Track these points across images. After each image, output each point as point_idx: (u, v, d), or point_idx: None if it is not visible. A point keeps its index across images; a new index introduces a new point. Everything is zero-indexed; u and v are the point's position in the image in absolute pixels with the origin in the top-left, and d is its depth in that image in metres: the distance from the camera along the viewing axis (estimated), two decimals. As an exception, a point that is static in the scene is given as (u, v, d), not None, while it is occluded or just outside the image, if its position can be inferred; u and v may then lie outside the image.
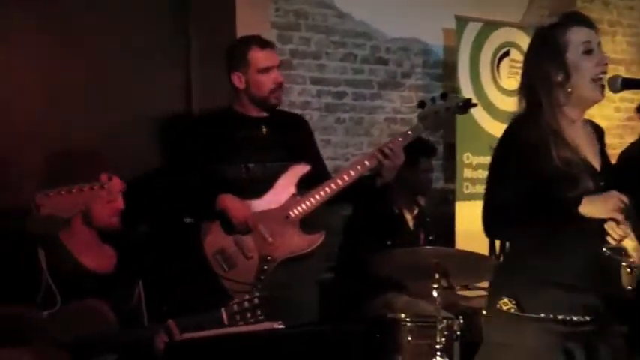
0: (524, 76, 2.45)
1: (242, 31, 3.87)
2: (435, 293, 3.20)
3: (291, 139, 3.35)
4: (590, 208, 2.22)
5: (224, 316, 2.63)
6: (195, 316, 2.66)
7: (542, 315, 2.32)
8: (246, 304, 2.67)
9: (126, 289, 2.92)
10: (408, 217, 4.01)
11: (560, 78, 2.36)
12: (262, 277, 3.17)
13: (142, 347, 2.60)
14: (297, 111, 4.20)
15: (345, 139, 4.44)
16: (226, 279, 3.15)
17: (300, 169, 3.28)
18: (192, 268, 3.20)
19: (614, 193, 2.23)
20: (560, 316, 2.32)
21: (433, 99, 3.32)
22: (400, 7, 4.51)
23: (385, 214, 3.90)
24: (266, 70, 3.25)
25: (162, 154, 3.75)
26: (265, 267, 3.19)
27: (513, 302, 2.36)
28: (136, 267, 3.00)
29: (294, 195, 3.25)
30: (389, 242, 3.75)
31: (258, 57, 3.25)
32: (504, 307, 2.37)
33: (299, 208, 3.23)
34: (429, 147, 4.11)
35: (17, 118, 3.49)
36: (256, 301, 2.68)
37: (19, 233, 2.88)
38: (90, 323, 2.63)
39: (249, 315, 2.64)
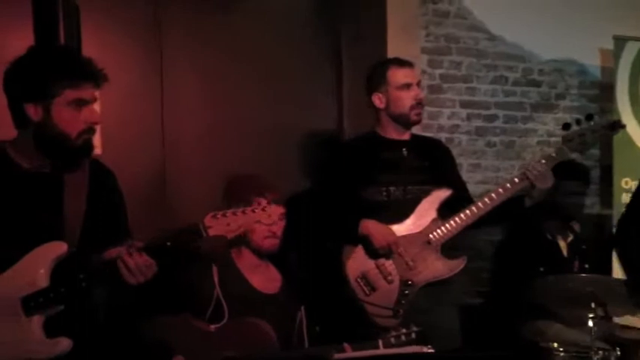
0: None
1: (393, 56, 3.93)
2: (590, 323, 3.09)
3: (432, 163, 3.35)
4: None
5: (380, 346, 2.67)
6: (361, 343, 2.71)
7: None
8: (403, 338, 2.70)
9: (289, 312, 3.02)
10: (562, 244, 3.90)
11: None
12: (403, 302, 3.18)
13: None
14: (446, 135, 4.22)
15: (496, 163, 4.39)
16: (368, 303, 3.17)
17: (442, 194, 3.27)
18: (333, 290, 3.24)
19: None
20: None
21: (578, 121, 3.24)
22: (555, 28, 4.43)
23: (537, 241, 3.81)
24: (406, 86, 3.29)
25: (313, 177, 3.88)
26: (406, 292, 3.19)
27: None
28: (298, 291, 3.10)
29: (435, 219, 3.24)
30: (541, 269, 3.66)
31: (397, 74, 3.30)
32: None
33: (440, 232, 3.22)
34: (581, 170, 3.98)
35: (185, 138, 3.73)
36: (413, 336, 2.70)
37: (195, 250, 3.08)
38: (254, 341, 2.75)
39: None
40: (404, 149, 3.33)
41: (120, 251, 2.29)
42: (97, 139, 3.42)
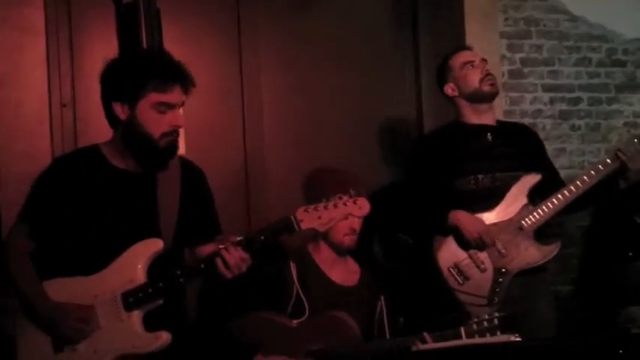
0: None
1: (471, 42, 3.87)
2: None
3: (519, 148, 3.29)
4: None
5: (463, 334, 2.66)
6: (441, 333, 2.71)
7: None
8: (485, 324, 2.68)
9: (369, 303, 3.03)
10: (652, 228, 3.79)
11: None
12: (498, 290, 3.14)
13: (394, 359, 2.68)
14: (529, 120, 4.14)
15: (581, 147, 4.29)
16: (462, 292, 3.16)
17: (532, 179, 3.21)
18: (424, 281, 3.23)
19: None
20: None
21: None
22: (638, 5, 4.30)
23: (625, 224, 3.71)
24: (468, 64, 3.28)
25: (395, 165, 3.88)
26: (500, 280, 3.15)
27: None
28: (377, 283, 3.11)
29: (526, 205, 3.19)
30: (630, 254, 3.57)
31: (457, 58, 3.31)
32: None
33: (532, 218, 3.16)
34: None
35: (266, 137, 3.78)
36: (496, 321, 2.67)
37: (275, 247, 3.13)
38: (337, 334, 2.78)
39: (487, 334, 2.64)
40: (489, 134, 3.29)
41: (216, 247, 2.35)
42: (180, 142, 3.55)
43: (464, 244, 3.17)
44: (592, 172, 3.16)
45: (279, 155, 3.77)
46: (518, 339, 2.48)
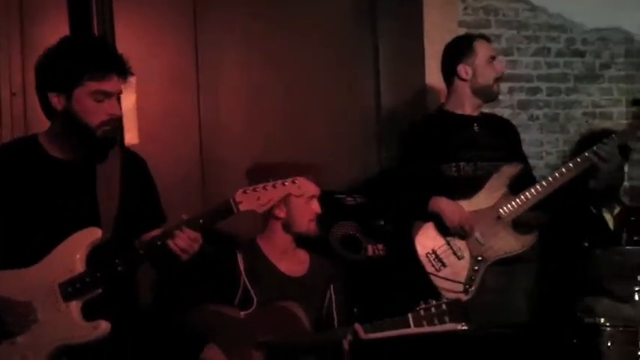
0: None
1: (430, 31, 3.90)
2: (637, 296, 3.02)
3: (501, 140, 3.36)
4: None
5: (410, 320, 2.65)
6: (384, 320, 2.68)
7: None
8: (433, 309, 2.66)
9: (318, 293, 3.02)
10: (608, 217, 3.79)
11: None
12: (474, 278, 3.17)
13: (332, 349, 2.67)
14: (488, 109, 4.13)
15: (540, 137, 4.31)
16: (438, 277, 3.17)
17: (513, 169, 3.28)
18: (401, 266, 3.25)
19: None
20: None
21: None
22: (598, -5, 4.32)
23: (582, 214, 3.73)
24: (492, 58, 3.32)
25: (352, 156, 3.86)
26: (477, 267, 3.18)
27: None
28: (326, 272, 3.09)
29: (506, 195, 3.24)
30: (586, 244, 3.59)
31: (485, 47, 3.34)
32: None
33: (510, 207, 3.21)
34: (625, 147, 3.86)
35: (222, 127, 3.75)
36: (444, 307, 2.66)
37: (222, 237, 3.10)
38: (285, 325, 2.75)
39: (435, 320, 2.63)
40: (475, 125, 3.34)
41: (160, 233, 2.33)
42: (133, 129, 3.51)
43: (444, 230, 3.20)
44: (570, 164, 3.24)
45: (234, 145, 3.74)
46: (465, 328, 2.48)
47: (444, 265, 3.18)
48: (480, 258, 3.18)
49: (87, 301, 2.32)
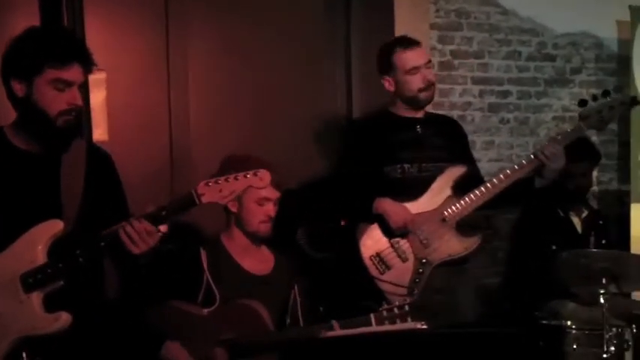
0: None
1: (401, 33, 3.88)
2: (601, 299, 3.03)
3: (446, 141, 3.33)
4: None
5: (373, 321, 2.66)
6: (350, 320, 2.69)
7: None
8: (395, 310, 2.67)
9: (282, 292, 3.01)
10: (576, 220, 3.83)
11: None
12: (418, 281, 3.16)
13: (300, 348, 2.66)
14: (459, 112, 4.17)
15: (510, 140, 4.33)
16: (382, 281, 3.15)
17: (457, 171, 3.25)
18: (346, 269, 3.23)
19: None
20: None
21: (595, 97, 3.18)
22: (569, 0, 4.34)
23: (550, 218, 3.75)
24: (413, 69, 3.24)
25: (324, 156, 3.85)
26: (421, 270, 3.16)
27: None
28: (291, 271, 3.08)
29: (450, 197, 3.21)
30: (554, 247, 3.60)
31: (403, 58, 3.24)
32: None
33: (454, 209, 3.19)
34: (594, 152, 3.90)
35: (192, 125, 3.73)
36: (406, 308, 2.67)
37: (184, 234, 3.08)
38: (248, 323, 2.75)
39: (398, 321, 2.64)
40: (418, 126, 3.31)
41: (120, 225, 2.32)
42: (102, 125, 3.49)
43: (388, 231, 3.17)
44: (513, 168, 3.22)
45: (204, 143, 3.73)
46: (424, 327, 2.48)
47: (388, 267, 3.16)
48: (424, 260, 3.16)
49: (49, 293, 2.30)
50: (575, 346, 3.21)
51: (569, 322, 3.28)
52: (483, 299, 3.84)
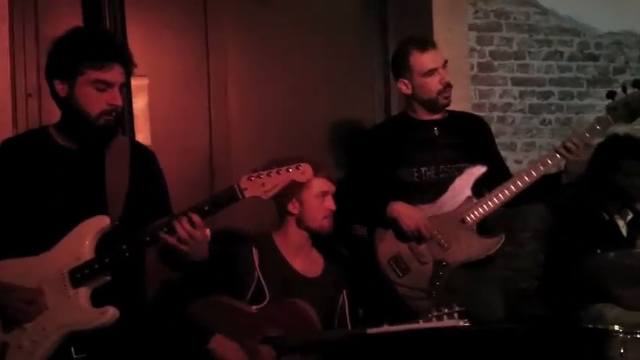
0: None
1: (440, 35, 3.88)
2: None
3: (466, 140, 3.25)
4: None
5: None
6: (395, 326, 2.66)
7: None
8: (445, 318, 2.64)
9: (330, 296, 3.01)
10: (621, 223, 3.74)
11: None
12: (438, 283, 3.10)
13: (346, 349, 2.66)
14: (499, 113, 4.14)
15: (551, 141, 4.25)
16: (400, 285, 3.12)
17: (477, 171, 3.17)
18: (365, 274, 3.20)
19: None
20: None
21: (624, 88, 3.07)
22: (611, -1, 4.30)
23: (593, 221, 3.67)
24: (430, 72, 3.17)
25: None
26: (440, 273, 3.11)
27: None
28: (340, 276, 3.08)
29: (470, 198, 3.14)
30: (598, 250, 3.52)
31: (420, 60, 3.18)
32: None
33: (475, 211, 3.12)
34: (636, 147, 3.79)
35: (232, 129, 3.76)
36: (456, 316, 2.63)
37: (237, 233, 3.09)
38: (296, 323, 2.75)
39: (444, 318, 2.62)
40: (435, 128, 3.24)
41: (166, 220, 2.33)
42: (145, 130, 3.53)
43: (403, 236, 3.13)
44: (538, 166, 3.13)
45: (244, 145, 3.75)
46: (467, 324, 2.46)
47: (406, 271, 3.11)
48: (443, 263, 3.10)
49: (96, 289, 2.35)
50: (622, 350, 3.13)
51: (616, 327, 3.20)
52: (523, 303, 3.80)
